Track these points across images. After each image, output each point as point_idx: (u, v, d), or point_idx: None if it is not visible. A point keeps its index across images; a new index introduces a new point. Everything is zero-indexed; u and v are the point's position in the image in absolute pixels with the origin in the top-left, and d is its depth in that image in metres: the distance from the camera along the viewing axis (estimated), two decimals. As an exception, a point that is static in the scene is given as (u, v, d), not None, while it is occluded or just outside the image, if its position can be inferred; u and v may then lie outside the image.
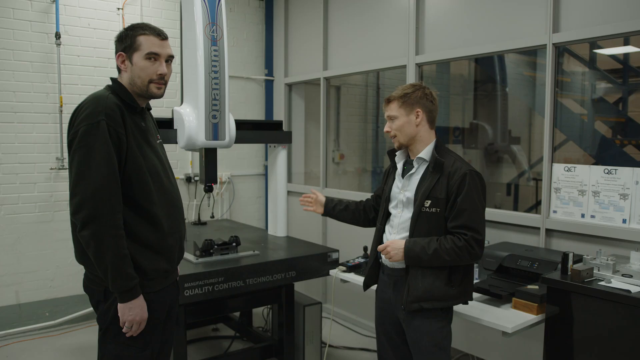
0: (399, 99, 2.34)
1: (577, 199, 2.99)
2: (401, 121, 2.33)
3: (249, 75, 5.48)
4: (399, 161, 2.46)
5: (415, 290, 2.25)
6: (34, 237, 4.38)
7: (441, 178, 2.24)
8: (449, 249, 2.17)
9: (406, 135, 2.34)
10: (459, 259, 2.18)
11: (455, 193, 2.20)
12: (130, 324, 1.94)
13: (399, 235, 2.36)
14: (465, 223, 2.18)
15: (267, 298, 3.46)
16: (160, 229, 2.02)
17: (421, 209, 2.26)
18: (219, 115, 2.97)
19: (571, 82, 3.85)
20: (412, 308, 2.26)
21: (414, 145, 2.36)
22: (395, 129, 2.35)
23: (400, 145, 2.39)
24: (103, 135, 1.87)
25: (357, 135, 5.63)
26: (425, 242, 2.22)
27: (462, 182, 2.20)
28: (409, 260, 2.24)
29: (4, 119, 4.20)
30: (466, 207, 2.18)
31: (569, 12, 3.06)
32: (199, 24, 2.90)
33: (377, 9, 4.34)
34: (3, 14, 4.16)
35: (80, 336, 4.30)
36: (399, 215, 2.38)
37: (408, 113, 2.32)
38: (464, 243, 2.17)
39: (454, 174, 2.23)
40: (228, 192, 5.40)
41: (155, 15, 4.84)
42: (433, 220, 2.25)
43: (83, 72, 4.52)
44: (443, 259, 2.18)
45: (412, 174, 2.36)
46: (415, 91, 2.34)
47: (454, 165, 2.26)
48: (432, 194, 2.24)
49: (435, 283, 2.24)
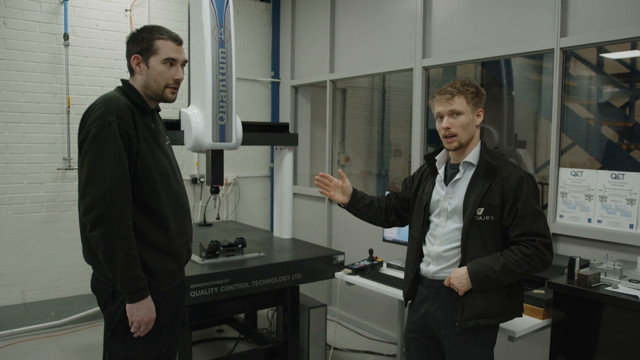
0: (468, 93, 2.11)
1: (584, 203, 2.98)
2: (468, 118, 2.10)
3: (255, 77, 5.49)
4: (440, 166, 2.26)
5: (474, 306, 2.07)
6: (41, 236, 4.40)
7: (494, 183, 2.06)
8: (518, 260, 1.99)
9: (468, 135, 2.12)
10: (531, 269, 2.00)
11: (513, 199, 2.03)
12: (139, 324, 1.94)
13: (443, 246, 2.17)
14: (531, 229, 2.01)
15: (272, 300, 3.46)
16: (168, 230, 2.02)
17: (474, 217, 2.07)
18: (226, 117, 2.98)
19: (578, 86, 3.85)
20: (467, 326, 2.07)
21: (463, 148, 2.15)
22: (459, 126, 2.10)
23: (458, 146, 2.13)
24: (114, 136, 1.88)
25: (362, 138, 5.64)
26: (489, 260, 2.03)
27: (520, 187, 2.03)
28: (478, 284, 2.03)
29: (12, 119, 4.23)
30: (528, 213, 2.01)
31: (577, 16, 3.05)
32: (206, 26, 2.91)
33: (384, 12, 4.34)
34: (12, 15, 4.18)
35: (85, 336, 4.31)
36: (443, 225, 2.19)
37: (473, 110, 2.12)
38: (533, 250, 1.99)
39: (509, 178, 2.06)
40: (234, 194, 5.41)
41: (162, 17, 4.86)
42: (487, 229, 2.07)
43: (90, 73, 4.54)
44: (514, 272, 1.99)
45: (457, 180, 2.17)
46: (479, 88, 2.14)
47: (507, 168, 2.09)
48: (485, 200, 2.06)
49: (495, 298, 2.08)
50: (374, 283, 3.09)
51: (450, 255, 2.17)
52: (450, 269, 2.16)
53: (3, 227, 4.23)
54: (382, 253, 3.64)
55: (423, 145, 4.05)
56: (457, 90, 2.11)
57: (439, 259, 2.19)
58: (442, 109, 2.13)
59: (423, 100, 4.00)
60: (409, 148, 4.32)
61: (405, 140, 5.13)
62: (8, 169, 4.24)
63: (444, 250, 2.17)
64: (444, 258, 2.18)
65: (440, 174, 2.25)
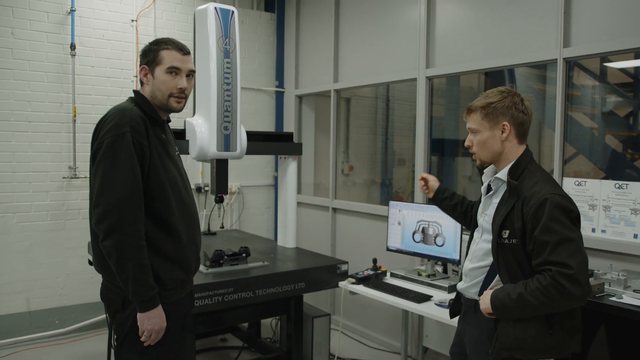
0: (481, 110, 2.00)
1: (588, 213, 2.98)
2: (484, 136, 2.00)
3: (260, 86, 5.52)
4: (485, 179, 2.12)
5: (506, 337, 1.90)
6: (46, 245, 4.41)
7: (517, 204, 1.90)
8: (534, 290, 1.78)
9: (489, 152, 2.01)
10: (549, 302, 1.77)
11: (532, 223, 1.84)
12: (149, 333, 1.95)
13: (471, 263, 2.09)
14: (548, 258, 1.79)
15: (276, 309, 3.47)
16: (179, 240, 2.04)
17: (499, 239, 1.93)
18: (231, 127, 2.99)
19: (581, 95, 3.85)
20: (501, 356, 1.93)
21: (498, 162, 2.03)
22: (475, 145, 2.03)
23: (482, 164, 2.06)
24: (128, 147, 1.90)
25: (366, 147, 5.65)
26: (511, 286, 1.87)
27: (540, 210, 1.82)
28: (497, 311, 1.88)
29: (19, 128, 4.26)
30: (547, 240, 1.79)
31: (580, 26, 3.07)
32: (212, 36, 2.93)
33: (388, 22, 4.37)
34: (20, 26, 4.23)
35: (90, 344, 4.31)
36: (477, 241, 2.10)
37: (492, 126, 1.99)
38: (550, 281, 1.76)
39: (530, 199, 1.86)
40: (238, 203, 5.43)
41: (168, 27, 4.90)
42: (516, 252, 1.90)
43: (97, 83, 4.58)
44: (530, 303, 1.79)
45: (491, 196, 2.07)
46: (503, 99, 1.98)
47: (534, 188, 1.89)
48: (508, 222, 1.91)
49: (529, 329, 1.87)
50: (378, 292, 3.09)
51: (476, 274, 2.08)
52: (473, 289, 2.09)
53: (9, 235, 4.25)
54: (386, 262, 3.64)
55: (427, 155, 4.06)
56: (472, 107, 2.04)
57: (467, 276, 2.12)
58: (467, 126, 2.08)
59: (427, 109, 4.02)
60: (412, 157, 4.33)
61: (409, 149, 5.14)
62: (14, 178, 4.27)
63: (471, 267, 2.09)
64: (471, 276, 2.10)
65: (484, 187, 2.13)
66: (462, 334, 2.18)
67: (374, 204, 4.81)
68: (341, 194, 5.12)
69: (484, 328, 2.02)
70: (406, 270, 3.45)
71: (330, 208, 5.00)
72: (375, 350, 4.34)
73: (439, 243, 3.24)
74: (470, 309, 2.10)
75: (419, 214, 3.37)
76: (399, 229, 3.48)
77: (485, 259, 2.04)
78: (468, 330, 2.13)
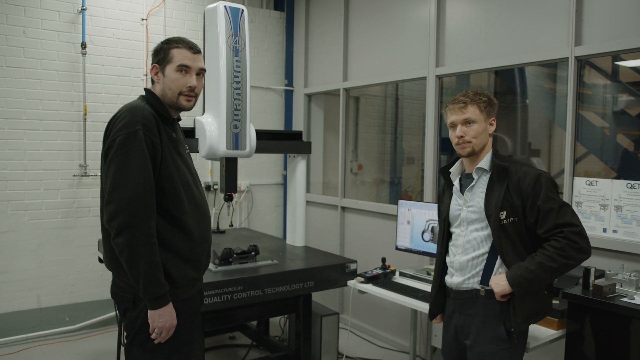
0: (480, 103, 2.15)
1: (599, 213, 2.96)
2: (481, 127, 2.15)
3: (269, 85, 5.53)
4: (454, 178, 2.29)
5: (525, 309, 2.08)
6: (56, 242, 4.45)
7: (510, 184, 2.08)
8: (551, 255, 1.98)
9: (481, 142, 2.16)
10: (568, 261, 1.99)
11: (532, 197, 2.04)
12: (160, 330, 1.96)
13: (465, 255, 2.19)
14: (557, 222, 2.00)
15: (284, 307, 3.47)
16: (190, 237, 2.05)
17: (500, 222, 2.07)
18: (240, 125, 3.00)
19: (592, 94, 3.82)
20: (522, 329, 2.10)
21: (478, 155, 2.19)
22: (473, 135, 2.14)
23: (471, 152, 2.16)
24: (140, 145, 1.91)
25: (375, 146, 5.64)
26: (525, 263, 2.04)
27: (537, 184, 2.05)
28: (518, 287, 2.03)
29: (31, 127, 4.30)
30: (552, 206, 2.02)
31: (591, 25, 3.04)
32: (221, 35, 2.94)
33: (398, 21, 4.36)
34: (32, 25, 4.26)
35: (100, 341, 4.34)
36: (464, 234, 2.20)
37: (486, 119, 2.17)
38: (564, 242, 1.98)
39: (525, 178, 2.07)
40: (247, 201, 5.44)
41: (178, 26, 4.92)
42: (515, 231, 2.08)
43: (107, 81, 4.60)
44: (551, 268, 1.99)
45: (473, 187, 2.19)
46: (492, 98, 2.19)
47: (521, 169, 2.11)
48: (506, 203, 2.07)
49: (537, 297, 2.11)
50: (387, 292, 3.09)
51: (474, 265, 2.18)
52: (474, 279, 2.17)
53: (20, 233, 4.29)
54: (394, 261, 3.64)
55: (436, 154, 4.04)
56: (470, 100, 2.15)
57: (462, 269, 2.20)
58: (456, 118, 2.17)
59: (436, 108, 4.01)
60: (421, 156, 4.32)
61: (418, 148, 5.12)
62: (26, 176, 4.30)
63: (467, 259, 2.18)
64: (468, 267, 2.19)
65: (456, 184, 2.27)
66: (460, 327, 2.22)
67: (382, 202, 4.80)
68: (350, 192, 5.11)
69: (489, 312, 2.13)
70: (415, 269, 3.44)
71: (339, 207, 4.99)
72: (384, 350, 4.33)
73: (449, 242, 3.22)
74: (469, 300, 2.18)
75: (428, 213, 3.36)
76: (408, 228, 3.47)
77: (481, 247, 2.16)
78: (469, 321, 2.19)
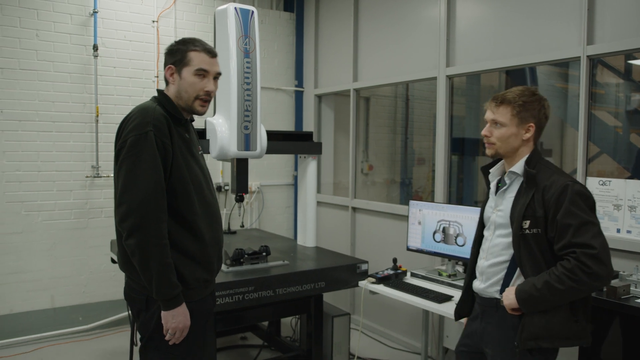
0: (515, 106, 2.00)
1: (613, 213, 2.93)
2: (509, 131, 2.02)
3: (279, 86, 5.54)
4: (493, 178, 2.18)
5: (532, 326, 1.92)
6: (69, 243, 4.49)
7: (536, 193, 1.95)
8: (559, 276, 1.82)
9: (508, 147, 2.04)
10: (577, 285, 1.81)
11: (554, 209, 1.89)
12: (174, 331, 1.97)
13: (487, 261, 2.10)
14: (572, 240, 1.83)
15: (296, 308, 3.48)
16: (201, 239, 2.05)
17: (520, 231, 1.95)
18: (251, 126, 3.02)
19: (605, 94, 3.79)
20: (527, 346, 1.93)
21: (512, 158, 2.07)
22: (497, 137, 2.04)
23: (494, 154, 2.08)
24: (151, 146, 1.91)
25: (386, 147, 5.63)
26: (535, 278, 1.90)
27: (561, 196, 1.88)
28: (523, 303, 1.91)
29: (44, 128, 4.34)
30: (570, 223, 1.85)
31: (604, 23, 3.02)
32: (232, 36, 2.96)
33: (408, 21, 4.35)
34: (44, 28, 4.30)
35: (112, 341, 4.38)
36: (490, 238, 2.11)
37: (519, 124, 2.01)
38: (575, 263, 1.80)
39: (551, 187, 1.92)
40: (257, 202, 5.45)
41: (188, 27, 4.95)
42: (537, 242, 1.94)
43: (118, 83, 4.64)
44: (557, 289, 1.83)
45: (504, 191, 2.09)
46: (535, 102, 2.01)
47: (551, 177, 1.95)
48: (529, 212, 1.94)
49: (555, 318, 1.91)
50: (398, 292, 3.08)
51: (494, 271, 2.08)
52: (494, 287, 2.08)
53: (33, 234, 4.33)
54: (406, 262, 3.63)
55: (447, 154, 4.03)
56: (505, 99, 2.02)
57: (484, 274, 2.12)
58: (487, 115, 2.08)
59: (447, 108, 3.99)
60: (432, 157, 4.31)
61: (428, 148, 5.11)
62: (39, 177, 4.35)
63: (488, 265, 2.10)
64: (489, 274, 2.10)
65: (492, 186, 2.17)
66: (480, 334, 2.15)
67: (393, 203, 4.79)
68: (361, 193, 5.11)
69: (508, 324, 2.02)
70: (427, 270, 3.43)
71: (349, 207, 4.99)
72: (395, 351, 4.32)
73: (460, 243, 3.21)
74: (491, 309, 2.09)
75: (439, 213, 3.35)
76: (419, 228, 3.47)
77: (502, 254, 2.05)
78: (489, 329, 2.11)
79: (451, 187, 4.17)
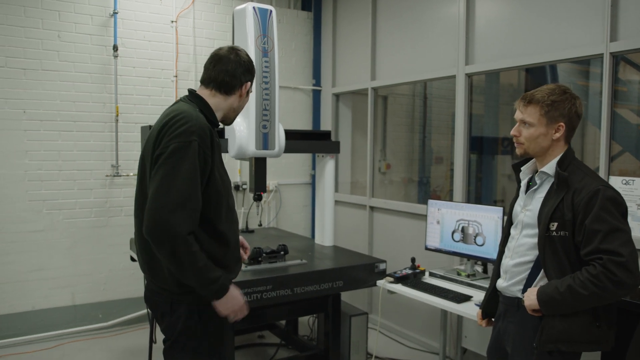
0: (543, 105, 1.96)
1: (636, 213, 2.88)
2: (537, 131, 1.98)
3: (297, 85, 5.55)
4: (524, 177, 2.15)
5: (552, 329, 1.90)
6: (89, 241, 4.54)
7: (566, 196, 1.91)
8: (584, 281, 1.79)
9: (537, 147, 2.00)
10: (600, 292, 1.78)
11: (583, 213, 1.85)
12: (233, 314, 2.02)
13: (513, 260, 2.08)
14: (600, 246, 1.79)
15: (313, 307, 3.48)
16: (227, 244, 2.04)
17: (547, 232, 1.92)
18: (269, 125, 3.02)
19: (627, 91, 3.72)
20: (546, 349, 1.91)
21: (542, 158, 2.03)
22: (526, 137, 2.01)
23: (524, 153, 2.05)
24: (193, 156, 1.86)
25: (403, 145, 5.60)
26: (559, 281, 1.87)
27: (592, 201, 1.84)
28: (544, 306, 1.89)
29: (65, 128, 4.40)
30: (599, 228, 1.81)
31: (628, 20, 2.96)
32: (250, 35, 2.96)
33: (426, 19, 4.32)
34: (66, 29, 4.36)
35: (132, 338, 4.42)
36: (517, 237, 2.09)
37: (549, 124, 1.97)
38: (600, 269, 1.77)
39: (582, 191, 1.88)
40: (275, 201, 5.46)
41: (207, 27, 4.97)
42: (564, 245, 1.90)
43: (138, 83, 4.68)
44: (580, 295, 1.79)
45: (535, 190, 2.05)
46: (565, 101, 1.97)
47: (583, 180, 1.91)
48: (557, 214, 1.90)
49: (576, 322, 1.88)
50: (416, 292, 3.06)
51: (518, 271, 2.06)
52: (517, 286, 2.06)
53: (55, 232, 4.40)
54: (424, 262, 3.60)
55: (466, 153, 4.00)
56: (533, 99, 1.98)
57: (508, 273, 2.10)
58: (516, 115, 2.05)
59: (466, 107, 3.96)
60: (451, 155, 4.28)
61: (447, 147, 5.07)
62: (60, 176, 4.41)
63: (513, 264, 2.07)
64: (513, 273, 2.08)
65: (523, 184, 2.14)
66: (502, 333, 2.14)
67: (411, 202, 4.77)
68: (378, 192, 5.09)
69: (528, 324, 2.00)
70: (445, 269, 3.41)
71: (367, 206, 4.98)
72: (413, 350, 4.30)
73: (479, 242, 3.18)
74: (512, 307, 2.07)
75: (458, 212, 3.32)
76: (437, 227, 3.44)
77: (528, 254, 2.03)
78: (510, 328, 2.09)
79: (470, 186, 4.14)
